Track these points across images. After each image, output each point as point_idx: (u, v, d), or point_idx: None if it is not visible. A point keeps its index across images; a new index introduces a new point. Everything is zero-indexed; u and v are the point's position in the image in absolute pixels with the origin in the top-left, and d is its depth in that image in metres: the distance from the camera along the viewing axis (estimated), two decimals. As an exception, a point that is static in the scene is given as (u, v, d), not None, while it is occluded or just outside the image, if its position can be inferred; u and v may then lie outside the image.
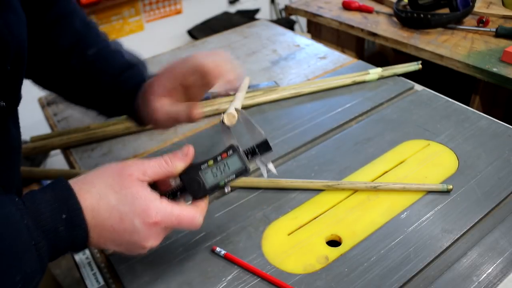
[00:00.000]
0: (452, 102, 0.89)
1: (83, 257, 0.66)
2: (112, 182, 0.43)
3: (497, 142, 0.77)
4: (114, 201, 0.42)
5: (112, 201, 0.42)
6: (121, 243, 0.44)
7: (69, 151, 0.88)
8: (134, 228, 0.43)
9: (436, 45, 1.11)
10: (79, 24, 0.64)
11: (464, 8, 1.18)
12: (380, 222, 0.64)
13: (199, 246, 0.63)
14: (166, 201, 0.45)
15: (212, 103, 0.93)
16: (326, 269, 0.57)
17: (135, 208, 0.43)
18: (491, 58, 1.02)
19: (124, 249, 0.45)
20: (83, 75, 0.62)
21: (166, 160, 0.47)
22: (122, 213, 0.42)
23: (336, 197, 0.69)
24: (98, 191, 0.42)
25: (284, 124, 0.87)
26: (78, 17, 0.65)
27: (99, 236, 0.43)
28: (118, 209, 0.42)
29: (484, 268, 0.56)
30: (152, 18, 2.18)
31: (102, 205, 0.42)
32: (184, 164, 0.47)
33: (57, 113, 1.01)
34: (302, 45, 1.21)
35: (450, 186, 0.66)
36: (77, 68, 0.61)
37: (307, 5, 1.47)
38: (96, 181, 0.43)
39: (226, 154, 0.49)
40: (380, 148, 0.78)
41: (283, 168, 0.75)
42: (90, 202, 0.41)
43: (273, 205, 0.68)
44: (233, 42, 1.26)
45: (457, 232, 0.61)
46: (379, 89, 0.95)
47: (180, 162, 0.47)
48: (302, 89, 0.95)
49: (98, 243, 0.43)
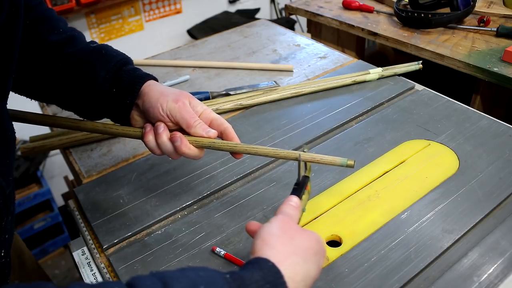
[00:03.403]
0: (452, 102, 0.89)
1: (83, 257, 0.65)
2: (286, 241, 0.46)
3: (498, 142, 0.77)
4: (301, 262, 0.46)
5: (300, 263, 0.46)
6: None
7: (69, 151, 0.88)
8: (320, 268, 0.49)
9: (437, 45, 1.10)
10: (65, 26, 0.64)
11: (465, 7, 1.18)
12: (380, 222, 0.63)
13: (199, 246, 0.62)
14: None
15: (212, 103, 0.93)
16: (326, 269, 0.57)
17: (318, 259, 0.48)
18: (492, 58, 1.02)
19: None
20: (76, 67, 0.61)
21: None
22: (309, 270, 0.46)
23: (336, 197, 0.68)
24: (290, 262, 0.45)
25: (284, 124, 0.87)
26: (62, 21, 0.65)
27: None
28: (307, 268, 0.46)
29: (484, 269, 0.56)
30: (152, 18, 2.18)
31: (297, 274, 0.45)
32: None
33: (57, 113, 1.01)
34: (302, 45, 1.20)
35: (351, 162, 0.59)
36: (72, 59, 0.60)
37: (307, 4, 1.47)
38: (280, 248, 0.46)
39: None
40: (381, 148, 0.78)
41: (283, 168, 0.75)
42: (289, 275, 0.44)
43: (273, 205, 0.68)
44: (233, 41, 1.26)
45: (458, 232, 0.61)
46: (379, 89, 0.95)
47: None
48: (302, 89, 0.95)
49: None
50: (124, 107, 0.61)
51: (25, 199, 1.86)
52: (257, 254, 0.45)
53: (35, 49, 0.60)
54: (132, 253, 0.63)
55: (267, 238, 0.46)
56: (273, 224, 0.48)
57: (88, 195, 0.74)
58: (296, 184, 0.58)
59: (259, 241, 0.46)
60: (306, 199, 0.59)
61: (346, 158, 0.58)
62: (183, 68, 1.14)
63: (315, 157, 0.59)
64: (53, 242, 2.05)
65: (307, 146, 0.61)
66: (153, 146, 0.60)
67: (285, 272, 0.43)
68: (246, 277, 0.41)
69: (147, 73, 0.63)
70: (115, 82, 0.60)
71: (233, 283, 0.40)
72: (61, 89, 0.62)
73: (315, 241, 0.49)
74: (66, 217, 2.06)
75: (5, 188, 0.49)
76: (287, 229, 0.48)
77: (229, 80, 1.07)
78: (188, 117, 0.59)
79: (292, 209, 0.52)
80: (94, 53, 0.61)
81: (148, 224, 0.67)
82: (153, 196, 0.72)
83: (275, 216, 0.50)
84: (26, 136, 0.91)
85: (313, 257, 0.47)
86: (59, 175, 2.11)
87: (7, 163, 0.51)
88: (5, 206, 0.49)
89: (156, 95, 0.59)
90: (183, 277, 0.39)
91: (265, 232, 0.47)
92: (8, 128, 0.51)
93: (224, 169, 0.76)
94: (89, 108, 0.63)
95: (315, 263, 0.47)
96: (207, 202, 0.71)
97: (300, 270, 0.45)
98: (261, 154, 0.60)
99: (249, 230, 0.52)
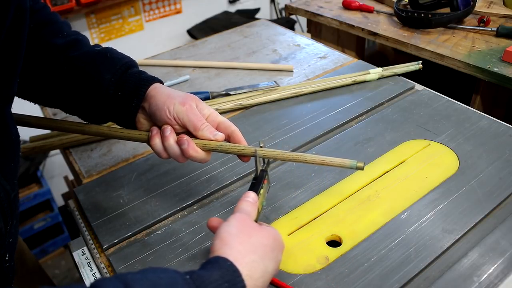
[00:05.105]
0: (452, 102, 0.89)
1: (83, 257, 0.65)
2: (244, 240, 0.48)
3: (498, 142, 0.77)
4: (259, 259, 0.47)
5: (257, 261, 0.47)
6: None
7: (69, 151, 0.88)
8: (278, 263, 0.51)
9: (437, 45, 1.10)
10: (70, 29, 0.64)
11: (465, 7, 1.18)
12: (380, 222, 0.63)
13: (199, 246, 0.62)
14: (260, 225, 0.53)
15: (212, 103, 0.93)
16: (326, 269, 0.57)
17: (276, 255, 0.50)
18: (492, 58, 1.02)
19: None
20: (81, 70, 0.60)
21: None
22: (267, 266, 0.48)
23: (336, 197, 0.68)
24: (248, 260, 0.46)
25: (284, 124, 0.87)
26: (66, 25, 0.65)
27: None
28: (265, 265, 0.48)
29: (485, 269, 0.56)
30: (152, 18, 2.18)
31: (255, 271, 0.46)
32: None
33: (57, 113, 1.01)
34: (302, 45, 1.20)
35: (361, 164, 0.59)
36: (77, 62, 0.60)
37: (307, 4, 1.47)
38: (238, 247, 0.47)
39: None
40: (381, 148, 0.78)
41: (283, 168, 0.75)
42: (247, 273, 0.45)
43: (273, 205, 0.68)
44: (233, 41, 1.26)
45: (458, 232, 0.61)
46: (379, 89, 0.95)
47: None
48: (302, 89, 0.95)
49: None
50: (130, 110, 0.61)
51: (25, 199, 1.86)
52: (216, 254, 0.46)
53: (40, 53, 0.60)
54: (132, 253, 0.63)
55: (225, 238, 0.48)
56: (230, 223, 0.50)
57: (88, 195, 0.74)
58: (254, 178, 0.59)
59: (217, 241, 0.48)
60: (265, 193, 0.59)
61: (355, 160, 0.58)
62: (183, 68, 1.14)
63: (324, 159, 0.59)
64: (53, 242, 2.05)
65: (263, 140, 0.62)
66: (159, 150, 0.60)
67: (243, 270, 0.45)
68: (205, 277, 0.43)
69: (152, 76, 0.62)
70: (120, 85, 0.60)
71: (192, 283, 0.42)
72: (65, 93, 0.62)
73: (272, 237, 0.50)
74: (66, 217, 2.06)
75: (10, 192, 0.49)
76: (244, 227, 0.49)
77: (229, 80, 1.07)
78: (195, 119, 0.58)
79: (249, 205, 0.53)
80: (99, 56, 0.61)
81: (148, 224, 0.67)
82: (153, 196, 0.72)
83: (233, 215, 0.51)
84: (26, 136, 0.91)
85: (270, 254, 0.49)
86: (59, 175, 2.11)
87: (12, 167, 0.50)
88: (10, 210, 0.49)
89: (163, 97, 0.59)
90: (144, 280, 0.40)
91: (223, 231, 0.49)
92: (12, 132, 0.51)
93: (224, 169, 0.76)
94: (94, 111, 0.63)
95: (273, 259, 0.49)
96: (207, 202, 0.71)
97: (258, 267, 0.47)
98: (269, 157, 0.60)
99: (210, 226, 0.54)
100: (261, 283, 0.47)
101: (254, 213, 0.53)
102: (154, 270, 0.43)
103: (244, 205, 0.53)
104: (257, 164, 0.59)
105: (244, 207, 0.53)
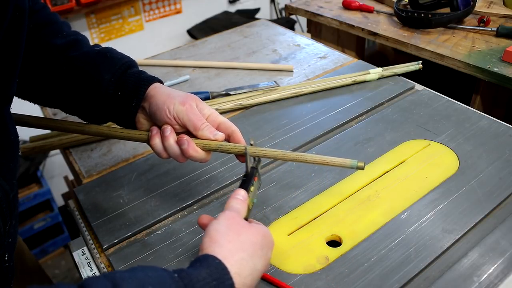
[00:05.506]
0: (452, 102, 0.89)
1: (83, 257, 0.65)
2: (233, 238, 0.48)
3: (498, 142, 0.77)
4: (248, 257, 0.47)
5: (246, 259, 0.47)
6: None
7: (69, 151, 0.88)
8: (267, 261, 0.51)
9: (437, 45, 1.10)
10: (69, 29, 0.64)
11: (465, 7, 1.18)
12: (380, 222, 0.63)
13: (199, 246, 0.62)
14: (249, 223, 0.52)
15: (212, 103, 0.93)
16: (326, 269, 0.57)
17: (265, 253, 0.50)
18: (492, 58, 1.02)
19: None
20: (80, 70, 0.60)
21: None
22: (256, 264, 0.48)
23: (336, 197, 0.68)
24: (237, 258, 0.46)
25: (284, 124, 0.87)
26: (66, 25, 0.65)
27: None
28: (254, 263, 0.48)
29: (485, 269, 0.56)
30: (152, 18, 2.17)
31: (244, 269, 0.46)
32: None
33: (57, 113, 1.01)
34: (302, 45, 1.20)
35: (361, 164, 0.60)
36: (77, 62, 0.60)
37: (307, 4, 1.46)
38: (227, 245, 0.47)
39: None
40: (381, 148, 0.78)
41: (283, 168, 0.75)
42: (235, 271, 0.46)
43: (273, 205, 0.68)
44: (233, 41, 1.26)
45: (458, 232, 0.61)
46: (379, 89, 0.95)
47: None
48: (302, 89, 0.95)
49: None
50: (130, 110, 0.60)
51: (25, 199, 1.86)
52: (205, 252, 0.47)
53: (39, 53, 0.60)
54: (132, 253, 0.63)
55: (214, 236, 0.48)
56: (220, 221, 0.50)
57: (88, 195, 0.74)
58: (244, 176, 0.58)
59: (207, 239, 0.48)
60: (256, 190, 0.59)
61: (356, 160, 0.58)
62: (183, 68, 1.14)
63: (325, 159, 0.60)
64: (53, 242, 2.05)
65: (253, 137, 0.62)
66: (159, 149, 0.60)
67: (231, 268, 0.45)
68: (193, 275, 0.43)
69: (152, 76, 0.62)
70: (120, 85, 0.60)
71: (180, 281, 0.42)
72: (65, 93, 0.62)
73: (262, 235, 0.50)
74: (66, 217, 2.06)
75: (9, 192, 0.49)
76: (233, 225, 0.49)
77: (229, 80, 1.07)
78: (195, 119, 0.58)
79: (239, 203, 0.53)
80: (98, 56, 0.61)
81: (148, 224, 0.67)
82: (153, 196, 0.72)
83: (223, 213, 0.51)
84: (26, 136, 0.91)
85: (259, 252, 0.49)
86: (59, 175, 2.11)
87: (11, 167, 0.50)
88: (9, 210, 0.49)
89: (163, 97, 0.59)
90: (132, 278, 0.40)
91: (212, 229, 0.49)
92: (11, 132, 0.51)
93: (224, 169, 0.76)
94: (94, 111, 0.63)
95: (262, 257, 0.49)
96: (207, 202, 0.71)
97: (247, 265, 0.47)
98: (269, 156, 0.60)
99: (200, 224, 0.54)
100: (250, 281, 0.47)
101: (243, 211, 0.53)
102: (142, 269, 0.43)
103: (234, 202, 0.53)
104: (247, 161, 0.59)
105: (233, 205, 0.53)
